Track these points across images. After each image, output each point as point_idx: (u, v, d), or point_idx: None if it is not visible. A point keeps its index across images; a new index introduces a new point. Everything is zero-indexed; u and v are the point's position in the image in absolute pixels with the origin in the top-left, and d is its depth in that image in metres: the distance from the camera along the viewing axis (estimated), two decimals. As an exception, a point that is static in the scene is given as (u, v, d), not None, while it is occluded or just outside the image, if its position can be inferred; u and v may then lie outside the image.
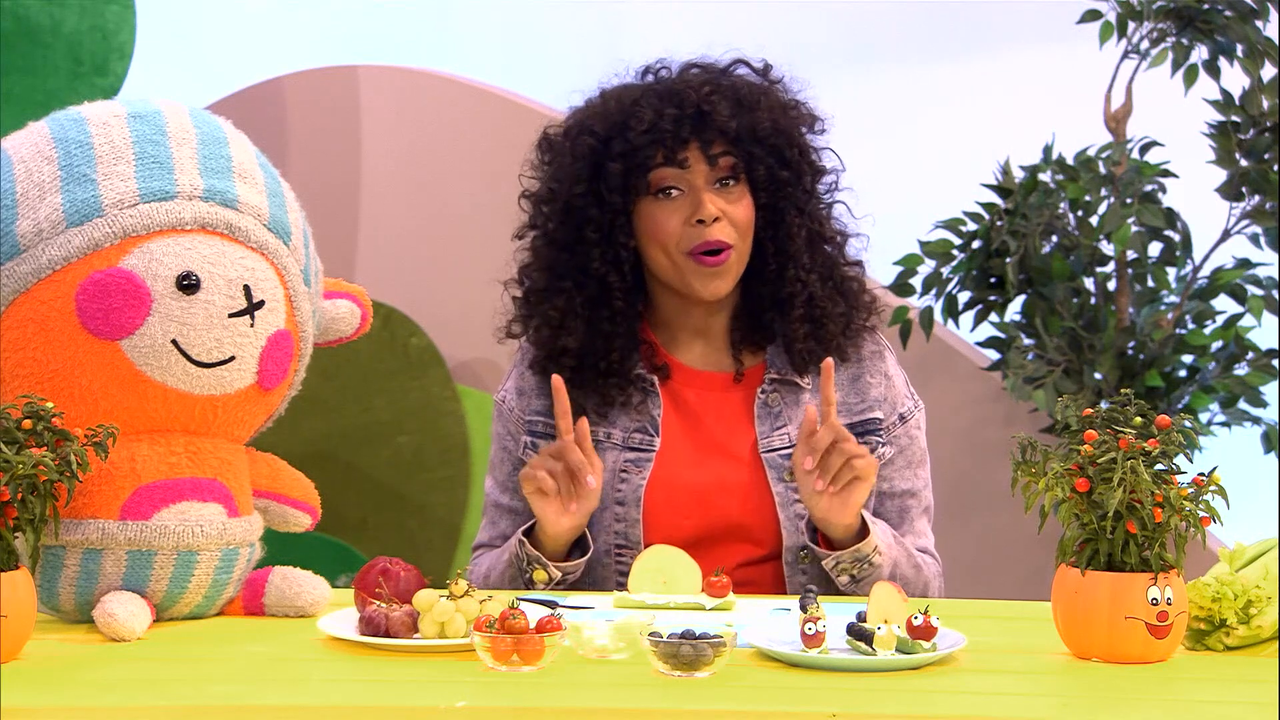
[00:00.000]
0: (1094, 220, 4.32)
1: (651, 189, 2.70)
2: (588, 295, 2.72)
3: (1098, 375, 4.31)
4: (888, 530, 2.70)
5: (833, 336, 2.74)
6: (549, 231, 2.76)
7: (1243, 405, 4.30)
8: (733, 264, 2.70)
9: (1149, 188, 4.27)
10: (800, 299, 2.72)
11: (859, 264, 2.82)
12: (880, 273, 4.25)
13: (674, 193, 2.70)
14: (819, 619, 2.13)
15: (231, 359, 2.34)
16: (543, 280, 2.76)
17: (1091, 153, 4.35)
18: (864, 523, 2.63)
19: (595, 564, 2.71)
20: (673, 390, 2.76)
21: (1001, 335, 4.41)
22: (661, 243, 2.71)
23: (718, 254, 2.69)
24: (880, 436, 2.76)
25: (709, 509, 2.70)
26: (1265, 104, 4.28)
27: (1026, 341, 4.38)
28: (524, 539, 2.66)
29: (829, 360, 2.63)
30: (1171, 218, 4.31)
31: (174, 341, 2.31)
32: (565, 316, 2.73)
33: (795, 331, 2.73)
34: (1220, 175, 4.35)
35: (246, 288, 2.34)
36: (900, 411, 2.79)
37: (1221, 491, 2.18)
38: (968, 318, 4.44)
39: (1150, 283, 4.40)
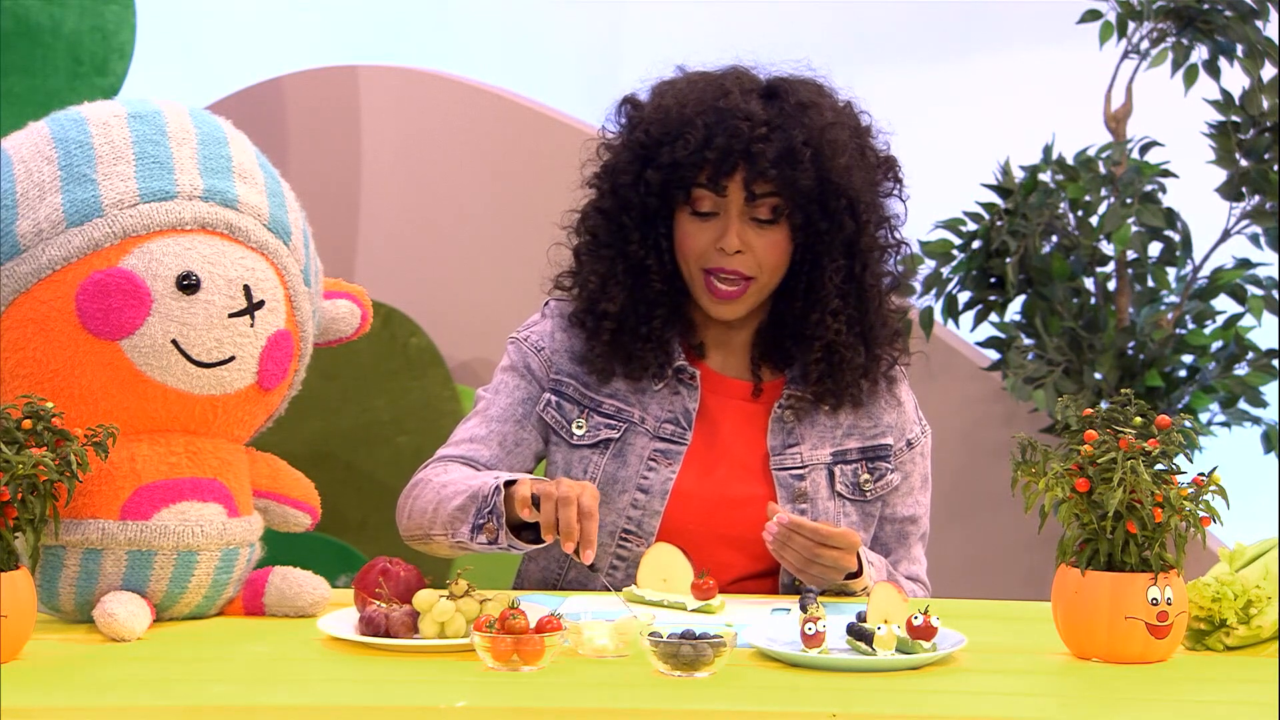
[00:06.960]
0: (1094, 220, 4.32)
1: (689, 201, 2.68)
2: (629, 266, 2.71)
3: (1098, 375, 4.31)
4: (882, 568, 2.69)
5: (846, 385, 2.71)
6: (599, 200, 2.75)
7: (1243, 405, 4.30)
8: (749, 296, 2.68)
9: (1149, 188, 4.27)
10: (821, 342, 2.70)
11: (900, 311, 2.78)
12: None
13: (709, 214, 2.68)
14: (819, 619, 2.13)
15: (231, 359, 2.34)
16: (589, 244, 2.75)
17: (1091, 153, 4.35)
18: (860, 562, 2.59)
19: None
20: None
21: (1001, 335, 4.41)
22: (685, 255, 2.69)
23: (734, 285, 2.67)
24: (889, 463, 2.76)
25: (715, 515, 2.67)
26: (1265, 104, 4.28)
27: (1026, 341, 4.38)
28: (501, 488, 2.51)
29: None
30: (1171, 218, 4.31)
31: (174, 341, 2.31)
32: (606, 282, 2.71)
33: (810, 371, 2.71)
34: (1220, 175, 4.35)
35: (246, 288, 2.34)
36: (908, 438, 2.78)
37: (1221, 491, 2.18)
38: (968, 318, 4.44)
39: (1150, 283, 4.40)
